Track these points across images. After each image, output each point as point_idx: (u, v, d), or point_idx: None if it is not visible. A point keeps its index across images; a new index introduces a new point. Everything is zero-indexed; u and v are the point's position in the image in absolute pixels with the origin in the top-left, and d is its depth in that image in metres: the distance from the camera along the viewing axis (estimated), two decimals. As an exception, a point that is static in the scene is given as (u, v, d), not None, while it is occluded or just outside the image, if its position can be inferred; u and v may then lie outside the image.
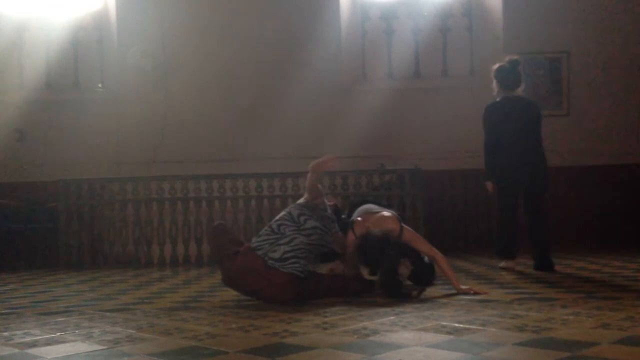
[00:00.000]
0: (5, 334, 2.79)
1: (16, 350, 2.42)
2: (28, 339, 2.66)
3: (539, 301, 3.28)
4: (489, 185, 5.24)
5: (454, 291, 3.76)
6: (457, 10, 8.37)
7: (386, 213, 3.97)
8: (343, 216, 4.30)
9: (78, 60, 8.34)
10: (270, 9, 8.08)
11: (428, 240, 4.14)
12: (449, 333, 2.48)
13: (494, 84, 5.19)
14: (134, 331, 2.76)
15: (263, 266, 3.46)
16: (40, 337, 2.67)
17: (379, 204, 4.33)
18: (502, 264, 5.13)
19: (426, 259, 4.08)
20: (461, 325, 2.63)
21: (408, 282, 4.06)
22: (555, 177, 7.93)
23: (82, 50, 8.33)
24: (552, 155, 7.99)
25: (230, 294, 4.08)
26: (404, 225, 3.90)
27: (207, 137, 7.87)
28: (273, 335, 2.55)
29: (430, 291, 3.86)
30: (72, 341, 2.58)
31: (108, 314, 3.33)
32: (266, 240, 3.55)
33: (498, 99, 5.17)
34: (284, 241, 3.52)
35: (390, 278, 3.60)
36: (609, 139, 8.03)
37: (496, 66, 5.17)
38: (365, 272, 3.89)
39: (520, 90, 5.20)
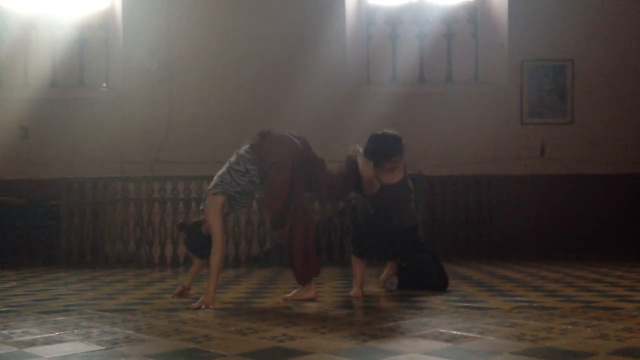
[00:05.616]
0: (5, 332, 2.80)
1: (14, 349, 2.43)
2: (27, 337, 2.66)
3: (538, 310, 3.27)
4: None
5: (453, 298, 3.76)
6: (462, 16, 8.38)
7: None
8: None
9: (83, 59, 8.36)
10: (275, 12, 8.09)
11: (430, 245, 4.16)
12: (446, 340, 2.48)
13: None
14: (132, 332, 2.76)
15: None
16: (39, 336, 2.68)
17: None
18: None
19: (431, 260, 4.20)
20: (459, 333, 2.63)
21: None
22: (557, 185, 8.00)
23: (87, 49, 8.36)
24: (554, 163, 8.08)
25: (230, 296, 4.10)
26: None
27: (211, 137, 7.87)
28: (271, 339, 2.55)
29: (429, 299, 3.86)
30: (71, 341, 2.58)
31: (107, 314, 3.33)
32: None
33: None
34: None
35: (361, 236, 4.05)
36: (613, 148, 8.01)
37: None
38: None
39: None
